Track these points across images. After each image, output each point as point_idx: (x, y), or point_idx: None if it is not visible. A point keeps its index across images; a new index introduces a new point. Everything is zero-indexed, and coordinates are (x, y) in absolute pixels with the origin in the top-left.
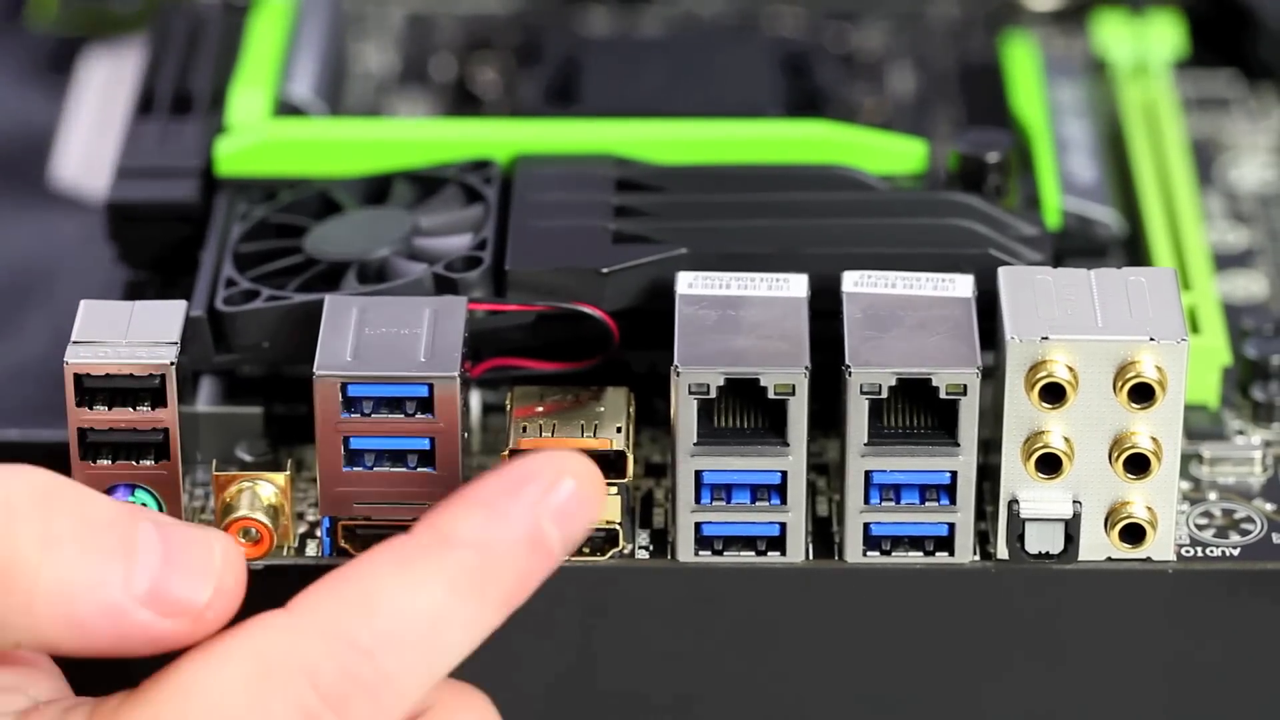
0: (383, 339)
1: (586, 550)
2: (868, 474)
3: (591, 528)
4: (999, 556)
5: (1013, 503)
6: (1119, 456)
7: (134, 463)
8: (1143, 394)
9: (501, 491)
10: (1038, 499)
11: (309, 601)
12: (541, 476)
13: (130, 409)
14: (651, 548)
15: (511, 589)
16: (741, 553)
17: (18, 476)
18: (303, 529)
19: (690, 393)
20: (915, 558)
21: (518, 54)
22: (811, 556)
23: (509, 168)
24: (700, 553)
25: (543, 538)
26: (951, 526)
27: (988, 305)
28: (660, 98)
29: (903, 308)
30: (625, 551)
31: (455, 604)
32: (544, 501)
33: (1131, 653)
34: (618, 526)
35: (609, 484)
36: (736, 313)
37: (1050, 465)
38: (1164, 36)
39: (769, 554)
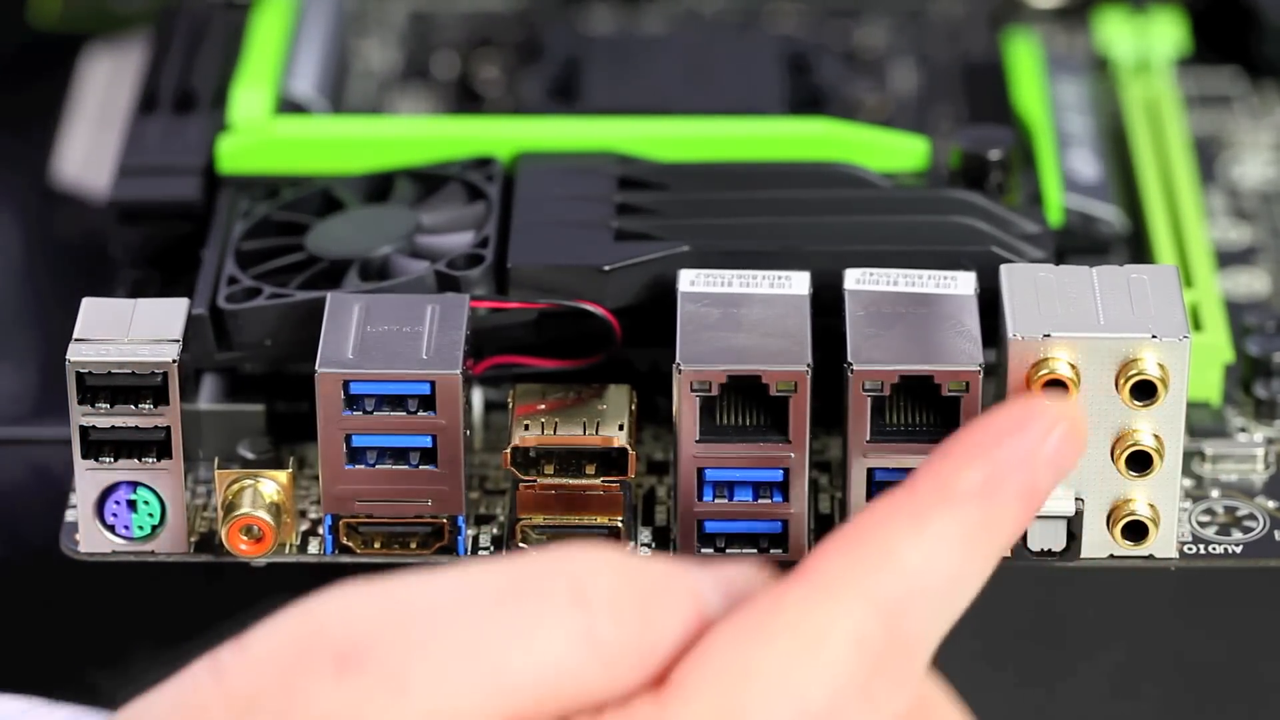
0: (385, 336)
1: None
2: (870, 471)
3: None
4: None
5: None
6: (1121, 454)
7: (136, 460)
8: (1145, 391)
9: (997, 440)
10: None
11: (829, 565)
12: (1037, 423)
13: (132, 407)
14: (654, 545)
15: (1006, 542)
16: (744, 550)
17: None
18: (305, 526)
19: (692, 390)
20: None
21: (520, 51)
22: None
23: (511, 165)
24: (702, 550)
25: (1036, 488)
26: None
27: (990, 303)
28: (662, 95)
29: (905, 305)
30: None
31: (965, 560)
32: (1039, 451)
33: (1134, 650)
34: (620, 524)
35: (610, 481)
36: (738, 310)
37: None
38: (1166, 33)
39: (771, 551)
